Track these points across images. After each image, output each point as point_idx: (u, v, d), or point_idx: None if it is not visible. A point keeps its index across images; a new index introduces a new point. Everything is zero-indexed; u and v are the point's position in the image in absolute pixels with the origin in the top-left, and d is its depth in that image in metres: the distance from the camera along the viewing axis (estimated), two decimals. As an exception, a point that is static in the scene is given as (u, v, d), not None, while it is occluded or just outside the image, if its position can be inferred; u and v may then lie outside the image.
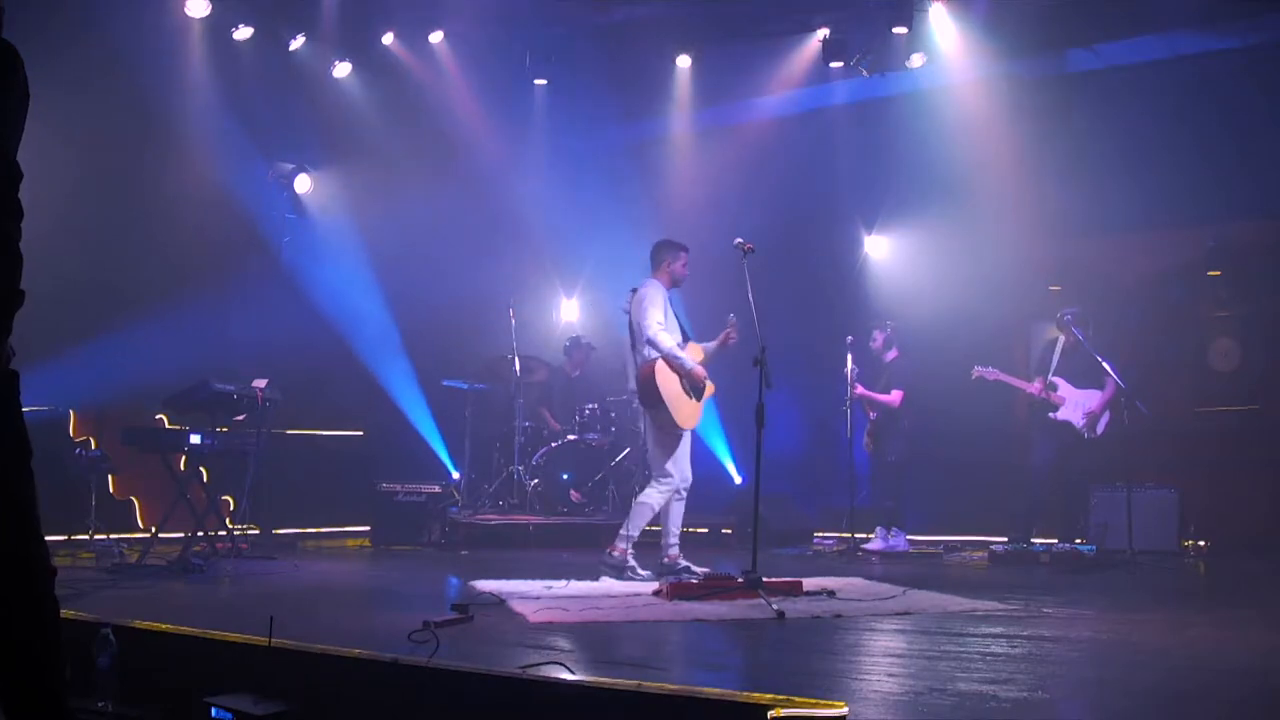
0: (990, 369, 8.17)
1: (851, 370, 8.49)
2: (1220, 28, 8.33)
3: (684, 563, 6.39)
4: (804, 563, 7.61)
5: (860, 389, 8.56)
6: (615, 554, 6.27)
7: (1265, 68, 8.21)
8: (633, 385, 6.72)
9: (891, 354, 8.76)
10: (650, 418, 6.38)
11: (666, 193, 10.42)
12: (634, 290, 6.51)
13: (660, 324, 6.32)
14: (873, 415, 8.75)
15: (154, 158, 8.27)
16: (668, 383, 6.26)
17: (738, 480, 10.08)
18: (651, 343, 6.28)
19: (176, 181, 8.36)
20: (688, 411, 6.35)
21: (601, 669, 3.33)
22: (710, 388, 6.51)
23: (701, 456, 10.32)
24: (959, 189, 8.99)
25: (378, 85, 9.75)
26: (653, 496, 6.34)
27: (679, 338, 6.46)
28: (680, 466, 6.42)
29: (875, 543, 8.40)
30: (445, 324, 9.85)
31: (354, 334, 9.46)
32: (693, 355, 6.44)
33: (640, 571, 6.21)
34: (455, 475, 9.67)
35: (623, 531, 6.32)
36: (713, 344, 6.56)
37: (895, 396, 8.60)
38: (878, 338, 8.78)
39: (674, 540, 6.44)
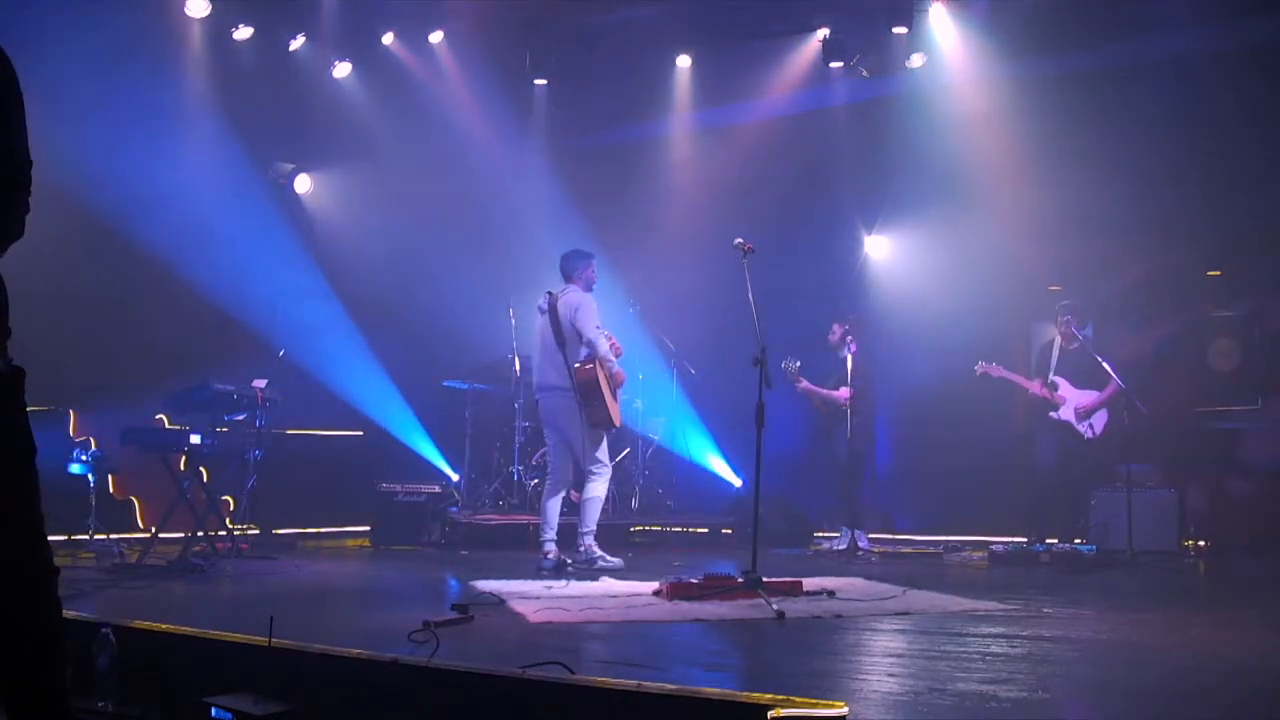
0: (994, 365, 8.18)
1: (794, 365, 8.40)
2: (1220, 28, 8.33)
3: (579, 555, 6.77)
4: (804, 563, 7.60)
5: (804, 384, 8.47)
6: (581, 550, 6.72)
7: (1266, 68, 8.19)
8: (551, 381, 6.91)
9: (847, 349, 8.54)
10: (586, 414, 6.72)
11: (666, 193, 10.41)
12: (550, 293, 6.95)
13: (600, 329, 6.78)
14: (824, 412, 8.67)
15: (153, 158, 8.26)
16: (604, 382, 6.73)
17: (737, 483, 10.07)
18: (592, 344, 6.73)
19: (175, 182, 8.35)
20: (617, 410, 6.86)
21: (601, 669, 3.33)
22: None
23: (700, 457, 10.38)
24: (959, 189, 8.98)
25: (378, 85, 9.74)
26: (598, 487, 6.79)
27: None
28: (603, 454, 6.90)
29: (839, 542, 8.32)
30: (445, 324, 9.85)
31: (354, 334, 9.46)
32: None
33: (610, 559, 6.63)
34: (455, 477, 9.66)
35: (582, 530, 6.77)
36: None
37: (842, 393, 8.38)
38: (836, 331, 8.54)
39: (552, 536, 6.77)
